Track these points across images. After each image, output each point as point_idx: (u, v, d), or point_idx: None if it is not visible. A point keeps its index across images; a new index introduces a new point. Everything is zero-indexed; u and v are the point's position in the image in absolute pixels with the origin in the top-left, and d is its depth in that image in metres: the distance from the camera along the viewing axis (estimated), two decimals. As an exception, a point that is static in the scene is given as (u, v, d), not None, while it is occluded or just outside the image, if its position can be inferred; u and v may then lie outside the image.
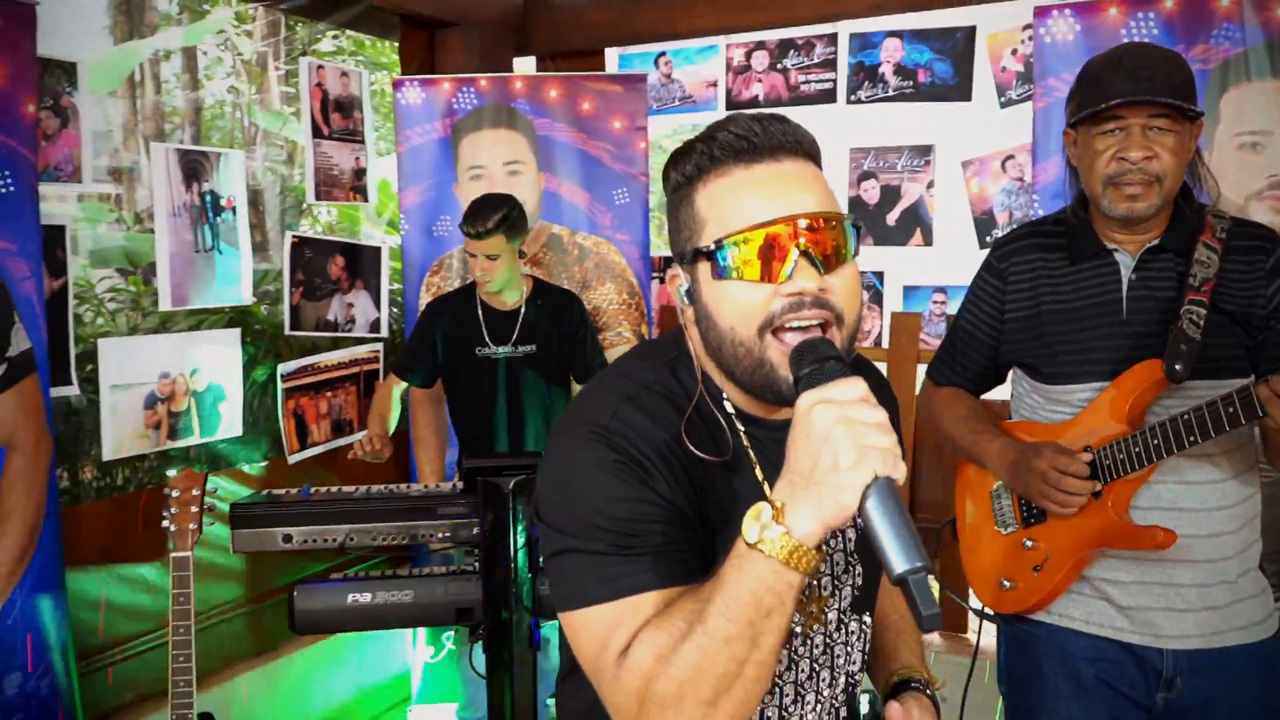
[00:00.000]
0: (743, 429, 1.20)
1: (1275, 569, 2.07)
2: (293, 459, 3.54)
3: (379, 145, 4.02)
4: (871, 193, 4.01)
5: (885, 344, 3.89)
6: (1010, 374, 2.07)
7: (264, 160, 3.75)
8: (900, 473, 0.95)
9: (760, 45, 4.17)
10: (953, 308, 4.05)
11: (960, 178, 3.86)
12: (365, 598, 2.71)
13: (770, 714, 1.23)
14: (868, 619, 1.32)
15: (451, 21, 4.04)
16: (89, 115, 2.89)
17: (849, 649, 1.29)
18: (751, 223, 1.09)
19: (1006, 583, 1.96)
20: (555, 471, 1.16)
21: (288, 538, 2.65)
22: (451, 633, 3.81)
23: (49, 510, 2.61)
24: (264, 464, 3.56)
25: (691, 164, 1.15)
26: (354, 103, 3.75)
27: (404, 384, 3.19)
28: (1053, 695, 1.91)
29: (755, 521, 0.97)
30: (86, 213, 3.01)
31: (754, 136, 1.11)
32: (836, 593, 1.25)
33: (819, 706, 1.26)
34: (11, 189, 2.51)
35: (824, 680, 1.26)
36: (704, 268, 1.13)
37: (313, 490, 2.74)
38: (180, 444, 3.15)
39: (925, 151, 3.94)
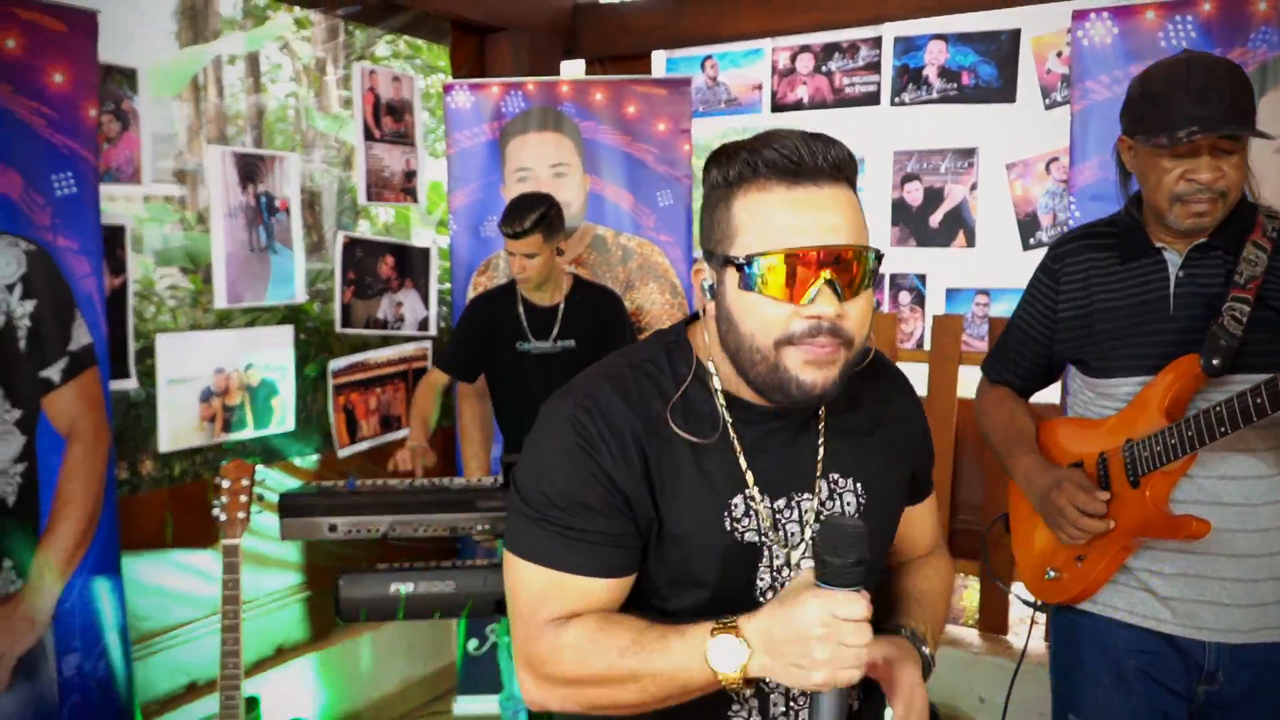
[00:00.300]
0: (729, 415, 1.26)
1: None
2: (342, 453, 3.64)
3: (432, 148, 4.11)
4: (915, 195, 4.00)
5: (928, 345, 3.90)
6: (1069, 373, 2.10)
7: (321, 162, 3.86)
8: (854, 680, 1.09)
9: (805, 48, 4.16)
10: (995, 310, 4.03)
11: (1004, 180, 3.83)
12: (408, 587, 2.79)
13: (748, 690, 1.30)
14: None
15: (501, 26, 4.10)
16: (149, 119, 3.01)
17: None
18: (784, 246, 1.14)
19: (1051, 573, 2.00)
20: (532, 439, 1.29)
21: (333, 527, 2.74)
22: (495, 625, 3.89)
23: (107, 499, 2.73)
24: (315, 458, 3.67)
25: (735, 170, 1.19)
26: (405, 106, 3.84)
27: (447, 379, 3.27)
28: (1092, 684, 1.96)
29: (730, 659, 1.11)
30: (151, 213, 3.14)
31: (799, 158, 1.15)
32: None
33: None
34: (74, 190, 2.62)
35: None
36: (731, 274, 1.19)
37: (358, 483, 2.83)
38: (234, 437, 3.26)
39: (969, 154, 3.91)
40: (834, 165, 1.17)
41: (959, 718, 3.60)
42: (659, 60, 4.59)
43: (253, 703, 2.60)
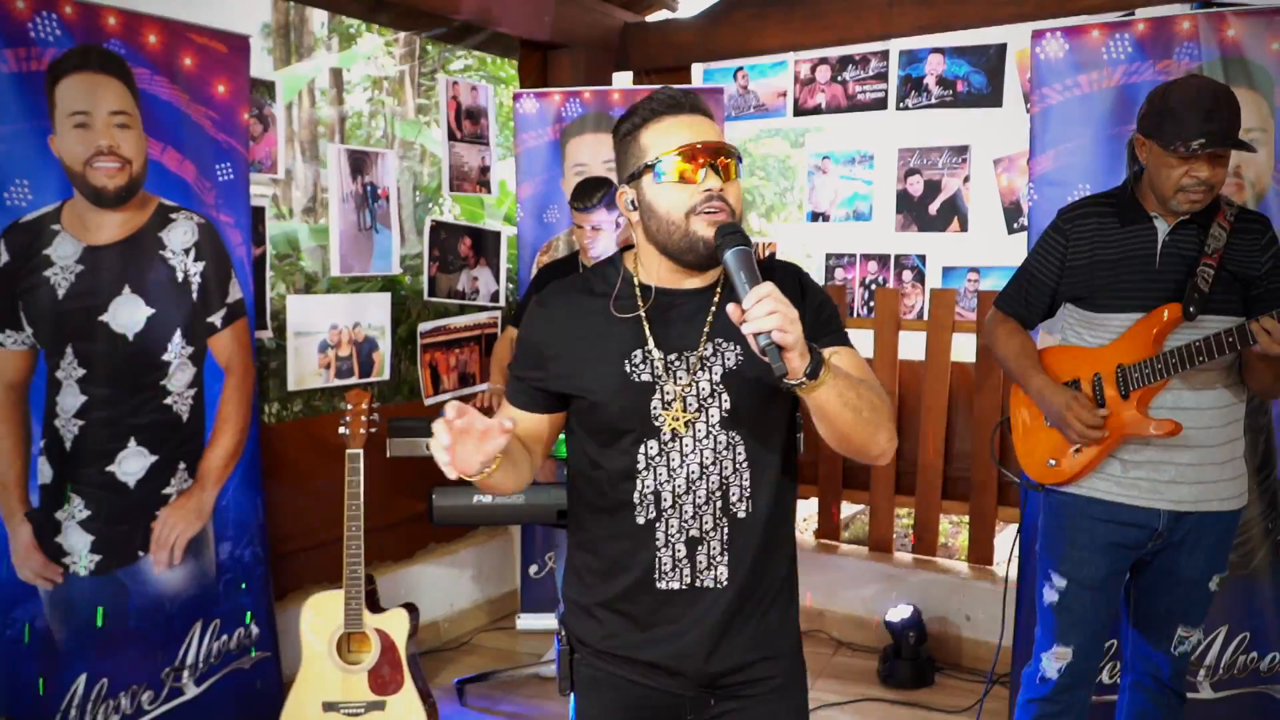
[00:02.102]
0: (641, 299, 1.74)
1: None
2: (428, 402, 4.30)
3: (498, 151, 4.78)
4: (916, 187, 4.58)
5: (926, 316, 4.50)
6: (1061, 309, 2.72)
7: (401, 162, 4.54)
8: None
9: (823, 60, 4.72)
10: (985, 285, 4.62)
11: (992, 173, 4.40)
12: (487, 499, 3.42)
13: (666, 496, 1.71)
14: (737, 435, 1.71)
15: (562, 44, 4.73)
16: (282, 122, 3.71)
17: (719, 456, 1.71)
18: (680, 144, 1.64)
19: (1052, 461, 2.62)
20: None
21: (430, 446, 3.40)
22: (552, 552, 4.52)
23: (252, 422, 3.42)
24: (405, 404, 4.35)
25: (639, 116, 1.69)
26: (481, 112, 4.52)
27: (515, 334, 3.93)
28: (1069, 545, 2.59)
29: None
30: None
31: (677, 99, 1.68)
32: (704, 412, 1.70)
33: (699, 495, 1.71)
34: (231, 177, 3.31)
35: (699, 476, 1.71)
36: (647, 179, 1.66)
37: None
38: (343, 383, 3.94)
39: (962, 151, 4.49)
40: (703, 105, 1.70)
41: (949, 631, 4.20)
42: (697, 71, 5.16)
43: (370, 578, 3.25)
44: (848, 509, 4.98)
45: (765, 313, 1.46)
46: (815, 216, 4.86)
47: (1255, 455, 3.12)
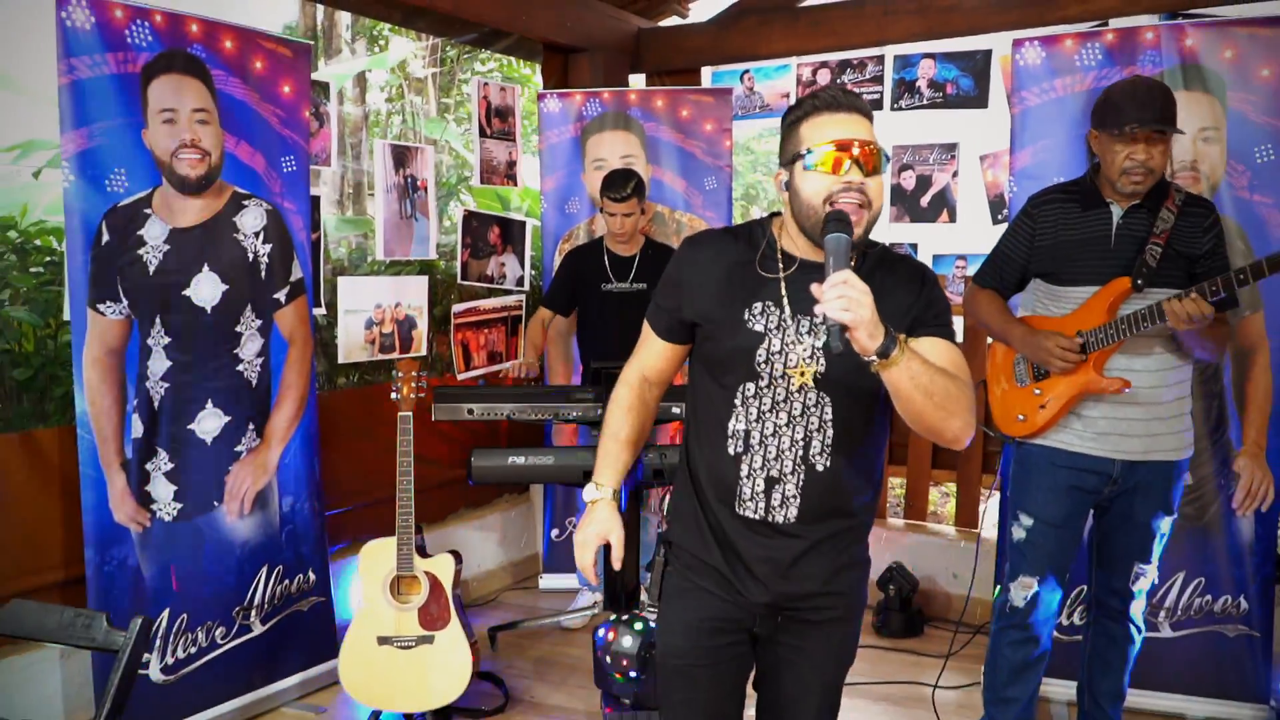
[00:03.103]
0: (783, 265, 1.96)
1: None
2: (461, 377, 4.67)
3: (523, 145, 5.16)
4: (909, 181, 4.96)
5: (918, 300, 4.87)
6: (1030, 284, 3.10)
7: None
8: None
9: (824, 64, 5.06)
10: (972, 270, 4.99)
11: (978, 169, 4.77)
12: (520, 460, 3.78)
13: (755, 435, 1.95)
14: (826, 396, 1.93)
15: (583, 48, 5.10)
16: (335, 119, 4.08)
17: (806, 411, 1.94)
18: (829, 139, 1.82)
19: (1021, 417, 3.01)
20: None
21: (470, 410, 3.76)
22: (573, 517, 4.89)
23: (311, 389, 3.79)
24: (439, 379, 4.72)
25: (804, 109, 1.88)
26: (509, 110, 4.89)
27: (550, 314, 4.30)
28: (1035, 488, 2.98)
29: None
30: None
31: (840, 98, 1.87)
32: (801, 371, 1.93)
33: (783, 441, 1.95)
34: (295, 169, 3.68)
35: (786, 425, 1.95)
36: (799, 165, 1.85)
37: (485, 383, 3.88)
38: (386, 357, 4.32)
39: (951, 148, 4.86)
40: (859, 104, 1.88)
41: (937, 589, 4.58)
42: (706, 74, 5.53)
43: (419, 527, 3.60)
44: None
45: (835, 296, 1.66)
46: (815, 209, 5.25)
47: (1209, 418, 3.51)
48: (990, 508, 4.12)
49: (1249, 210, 3.45)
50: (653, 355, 2.12)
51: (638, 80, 5.47)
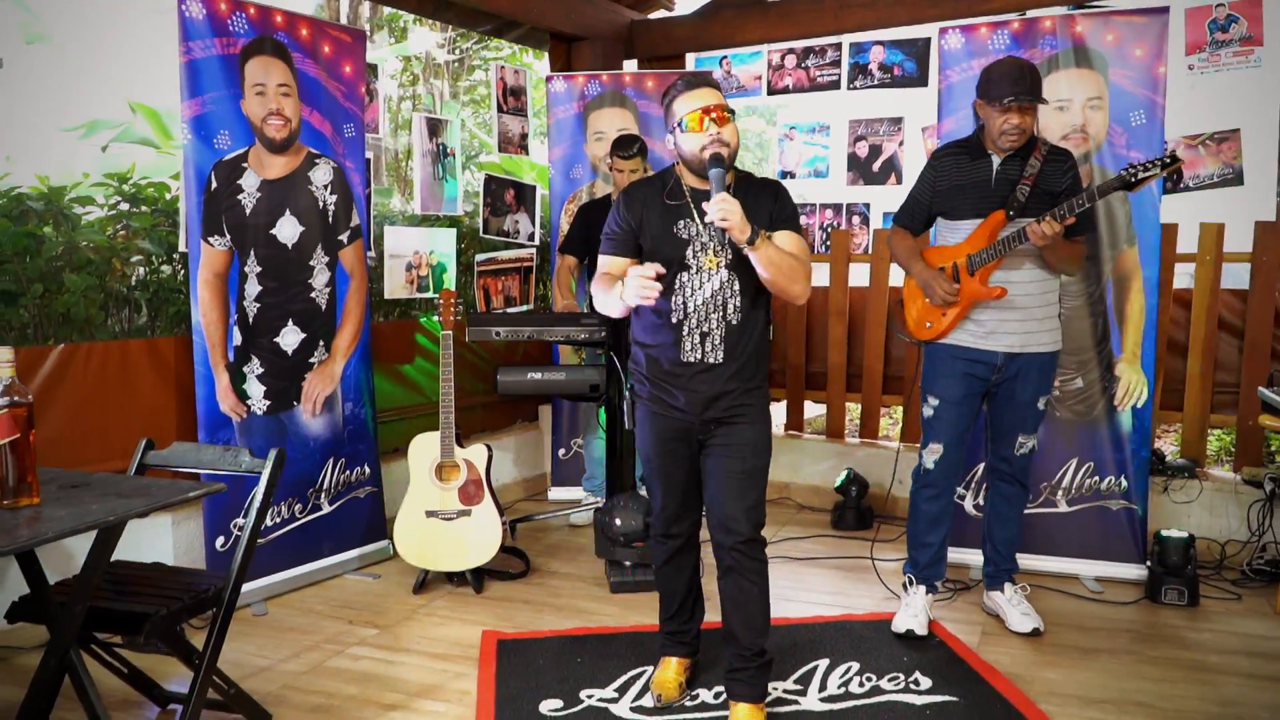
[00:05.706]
0: (687, 192, 2.89)
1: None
2: (482, 316, 5.50)
3: (534, 123, 5.99)
4: (863, 150, 5.78)
5: (870, 250, 5.72)
6: (936, 222, 3.90)
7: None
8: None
9: (790, 50, 5.84)
10: (915, 226, 5.83)
11: (920, 139, 5.58)
12: (538, 375, 4.62)
13: (690, 305, 2.85)
14: (733, 274, 2.84)
15: (584, 36, 5.93)
16: (383, 95, 4.89)
17: (723, 285, 2.85)
18: (693, 108, 2.75)
19: (929, 324, 3.79)
20: None
21: (498, 334, 4.59)
22: (578, 438, 5.71)
23: (366, 315, 4.62)
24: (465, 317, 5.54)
25: (675, 91, 2.81)
26: (522, 90, 5.72)
27: (573, 259, 5.09)
28: (940, 376, 3.77)
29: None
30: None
31: (694, 79, 2.81)
32: (722, 253, 2.85)
33: (710, 307, 2.85)
34: (354, 135, 4.50)
35: (710, 296, 2.84)
36: (677, 131, 2.79)
37: (510, 312, 4.71)
38: (422, 296, 5.14)
39: (898, 121, 5.68)
40: (707, 80, 2.82)
41: (883, 492, 5.43)
42: (690, 59, 6.35)
43: (457, 423, 4.43)
44: (811, 410, 6.20)
45: (717, 209, 2.65)
46: (784, 175, 6.07)
47: (1096, 332, 4.36)
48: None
49: (1125, 164, 4.29)
50: (616, 268, 2.93)
51: (631, 65, 6.31)
